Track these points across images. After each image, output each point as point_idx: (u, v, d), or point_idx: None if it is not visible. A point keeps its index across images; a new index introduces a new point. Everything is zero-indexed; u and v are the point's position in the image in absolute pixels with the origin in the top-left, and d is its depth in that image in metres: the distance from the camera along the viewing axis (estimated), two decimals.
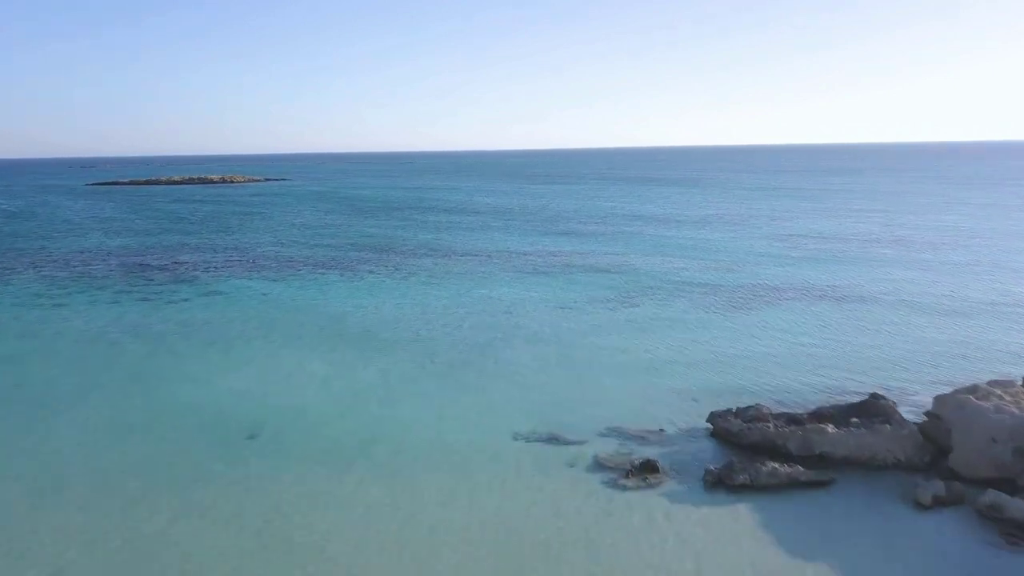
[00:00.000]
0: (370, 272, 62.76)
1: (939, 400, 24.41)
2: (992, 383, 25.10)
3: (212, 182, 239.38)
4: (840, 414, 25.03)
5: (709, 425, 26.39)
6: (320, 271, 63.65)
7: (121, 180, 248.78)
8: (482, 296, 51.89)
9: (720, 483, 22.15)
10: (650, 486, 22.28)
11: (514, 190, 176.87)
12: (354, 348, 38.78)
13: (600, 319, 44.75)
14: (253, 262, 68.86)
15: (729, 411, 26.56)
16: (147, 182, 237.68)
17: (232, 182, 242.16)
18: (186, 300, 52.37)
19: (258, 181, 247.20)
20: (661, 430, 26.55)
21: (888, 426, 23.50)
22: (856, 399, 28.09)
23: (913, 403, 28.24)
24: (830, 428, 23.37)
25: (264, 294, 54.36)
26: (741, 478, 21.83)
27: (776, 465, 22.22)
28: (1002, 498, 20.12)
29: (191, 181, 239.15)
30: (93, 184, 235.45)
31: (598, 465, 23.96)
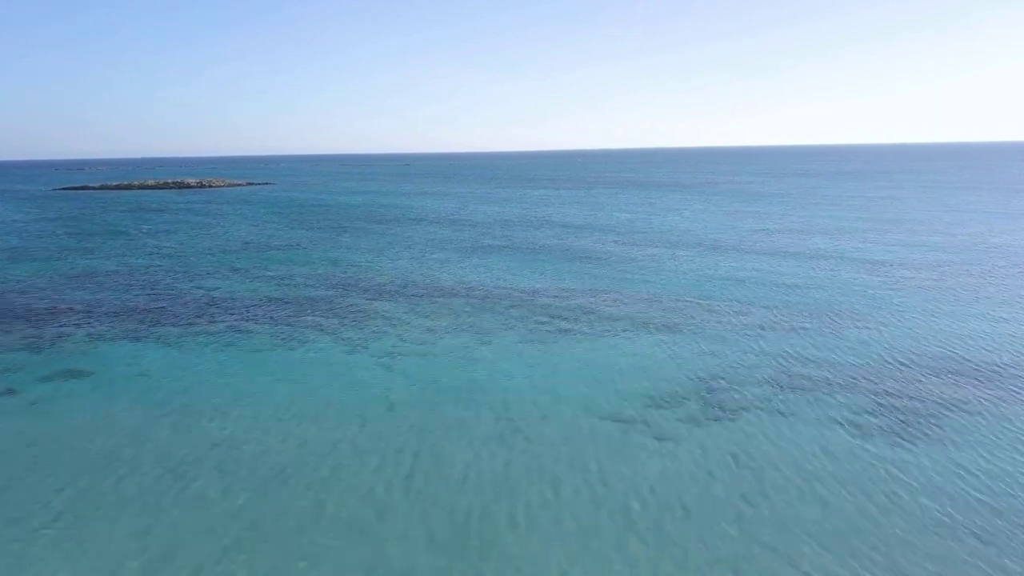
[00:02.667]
0: (316, 328, 44.14)
1: None
2: None
3: (188, 187, 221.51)
4: None
5: None
6: (246, 326, 45.02)
7: (91, 184, 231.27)
8: (468, 387, 33.12)
9: None
10: None
11: (513, 197, 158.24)
12: (225, 558, 19.98)
13: (678, 456, 25.79)
14: (161, 308, 50.21)
15: None
16: (118, 187, 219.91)
17: (210, 186, 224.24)
18: (14, 391, 33.79)
19: (239, 185, 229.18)
20: None
21: None
22: None
23: None
24: None
25: (141, 375, 35.77)
26: None
27: None
28: None
29: (165, 186, 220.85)
30: (59, 189, 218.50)
31: None
